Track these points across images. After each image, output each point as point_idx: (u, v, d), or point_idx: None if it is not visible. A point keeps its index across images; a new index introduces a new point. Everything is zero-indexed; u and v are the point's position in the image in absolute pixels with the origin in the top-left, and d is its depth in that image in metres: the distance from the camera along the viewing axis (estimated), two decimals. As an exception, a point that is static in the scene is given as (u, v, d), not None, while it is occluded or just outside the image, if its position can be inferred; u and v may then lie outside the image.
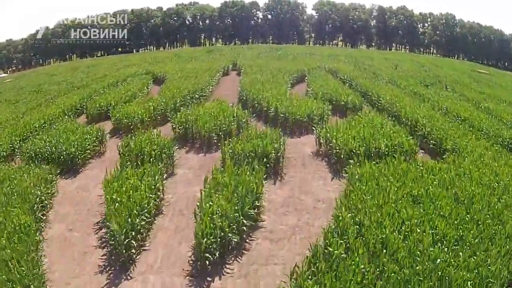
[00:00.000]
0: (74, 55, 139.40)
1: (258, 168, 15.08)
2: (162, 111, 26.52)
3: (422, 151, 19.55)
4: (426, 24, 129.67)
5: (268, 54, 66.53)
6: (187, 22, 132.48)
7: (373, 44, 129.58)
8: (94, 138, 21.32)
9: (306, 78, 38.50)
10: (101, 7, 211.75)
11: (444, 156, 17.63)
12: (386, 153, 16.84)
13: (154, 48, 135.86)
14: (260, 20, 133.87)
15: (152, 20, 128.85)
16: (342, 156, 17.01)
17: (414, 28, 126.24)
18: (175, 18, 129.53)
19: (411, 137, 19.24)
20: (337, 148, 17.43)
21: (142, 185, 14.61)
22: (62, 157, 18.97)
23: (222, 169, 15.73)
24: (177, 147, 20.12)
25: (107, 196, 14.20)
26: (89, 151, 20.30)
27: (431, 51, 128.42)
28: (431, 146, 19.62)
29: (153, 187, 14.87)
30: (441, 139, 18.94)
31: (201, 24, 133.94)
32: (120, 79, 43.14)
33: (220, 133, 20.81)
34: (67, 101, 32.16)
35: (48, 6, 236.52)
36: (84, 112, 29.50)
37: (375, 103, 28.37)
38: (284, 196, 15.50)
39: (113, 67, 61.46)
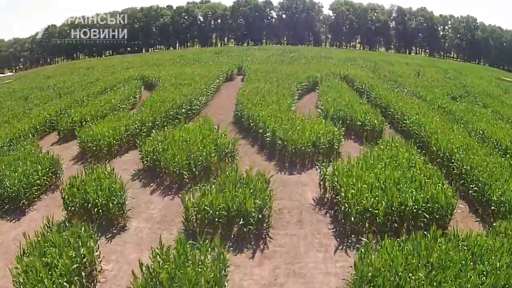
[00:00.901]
0: (82, 54, 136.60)
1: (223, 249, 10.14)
2: (137, 130, 22.17)
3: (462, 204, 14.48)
4: (446, 27, 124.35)
5: (280, 56, 61.89)
6: (198, 21, 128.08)
7: (392, 47, 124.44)
8: (47, 169, 16.87)
9: (317, 87, 33.95)
10: (110, 6, 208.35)
11: (493, 222, 12.69)
12: (414, 211, 11.95)
13: (164, 47, 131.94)
14: (274, 20, 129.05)
15: (161, 19, 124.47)
16: (353, 217, 12.08)
17: (435, 30, 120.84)
18: (186, 17, 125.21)
19: (446, 181, 14.33)
20: (346, 204, 12.48)
21: (70, 249, 10.24)
22: (5, 194, 15.27)
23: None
24: (141, 183, 16.60)
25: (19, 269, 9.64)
26: (38, 186, 15.95)
27: (452, 55, 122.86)
28: (472, 193, 14.67)
29: (83, 254, 10.33)
30: (484, 185, 13.94)
31: (212, 23, 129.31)
32: (110, 84, 39.70)
33: (195, 169, 16.13)
34: (43, 113, 28.52)
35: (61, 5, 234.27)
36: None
37: (399, 123, 23.75)
38: (263, 283, 10.62)
39: (110, 69, 58.21)
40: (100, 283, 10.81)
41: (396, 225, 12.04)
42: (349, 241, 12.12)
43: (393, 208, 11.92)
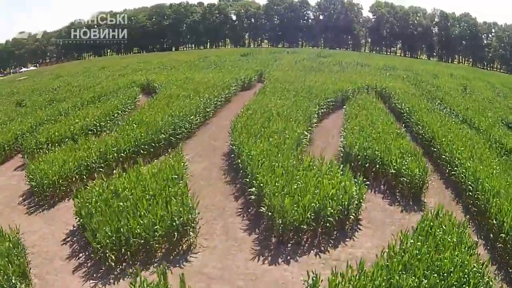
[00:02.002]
0: (109, 50, 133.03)
1: None
2: (91, 167, 17.53)
3: None
4: (490, 35, 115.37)
5: (310, 62, 55.42)
6: (230, 20, 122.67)
7: (434, 54, 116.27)
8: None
9: (345, 106, 27.99)
10: (138, 2, 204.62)
11: None
12: None
13: (194, 46, 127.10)
14: (310, 21, 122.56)
15: (191, 16, 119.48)
16: None
17: (478, 39, 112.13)
18: (217, 15, 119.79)
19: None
20: None
21: None
22: None
23: None
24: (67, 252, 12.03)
25: None
26: None
27: (495, 66, 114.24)
28: None
29: None
30: None
31: (245, 22, 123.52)
32: (107, 91, 35.72)
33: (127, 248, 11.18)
34: (17, 127, 24.94)
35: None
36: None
37: (446, 166, 17.59)
38: None
39: (120, 71, 54.38)
40: None
41: None
42: None
43: None
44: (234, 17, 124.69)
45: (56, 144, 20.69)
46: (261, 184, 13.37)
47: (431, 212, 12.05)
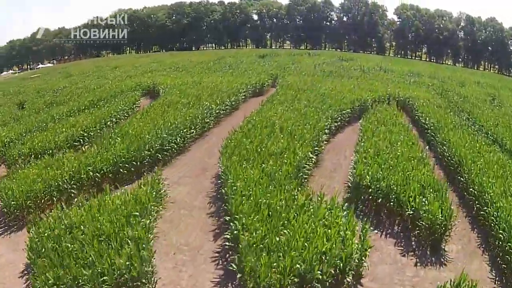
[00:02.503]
0: (129, 48, 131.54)
1: None
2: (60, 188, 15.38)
3: None
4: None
5: (330, 66, 52.36)
6: (251, 20, 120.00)
7: (460, 59, 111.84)
8: None
9: (361, 120, 25.32)
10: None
11: None
12: None
13: (215, 46, 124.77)
14: (334, 22, 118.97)
15: (211, 15, 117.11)
16: None
17: (505, 45, 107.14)
18: (238, 14, 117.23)
19: None
20: None
21: None
22: None
23: None
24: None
25: None
26: None
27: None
28: None
29: None
30: None
31: (267, 22, 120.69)
32: (109, 95, 33.84)
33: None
34: (7, 133, 23.83)
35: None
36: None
37: (475, 202, 14.55)
38: None
39: (131, 71, 52.96)
40: None
41: None
42: None
43: None
44: (255, 17, 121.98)
45: (40, 156, 18.99)
46: (238, 229, 10.74)
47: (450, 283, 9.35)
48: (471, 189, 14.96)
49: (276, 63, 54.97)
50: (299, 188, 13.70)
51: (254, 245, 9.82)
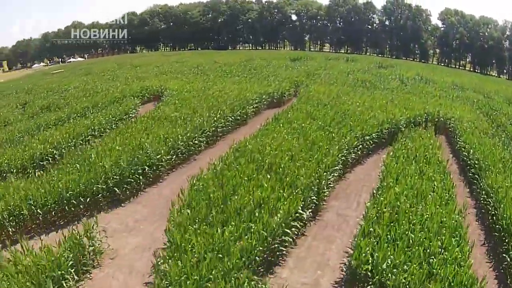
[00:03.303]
0: (163, 45, 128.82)
1: None
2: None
3: None
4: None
5: (365, 74, 46.84)
6: (290, 20, 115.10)
7: (505, 71, 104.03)
8: None
9: (388, 151, 20.04)
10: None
11: None
12: None
13: (252, 46, 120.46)
14: (375, 25, 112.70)
15: (247, 14, 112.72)
16: None
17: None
18: (275, 13, 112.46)
19: None
20: None
21: None
22: None
23: None
24: None
25: None
26: None
27: None
28: None
29: None
30: None
31: (306, 23, 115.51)
32: (107, 100, 31.06)
33: None
34: None
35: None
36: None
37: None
38: None
39: (147, 72, 50.04)
40: None
41: None
42: None
43: None
44: (294, 17, 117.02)
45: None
46: None
47: None
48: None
49: (307, 68, 49.91)
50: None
51: None
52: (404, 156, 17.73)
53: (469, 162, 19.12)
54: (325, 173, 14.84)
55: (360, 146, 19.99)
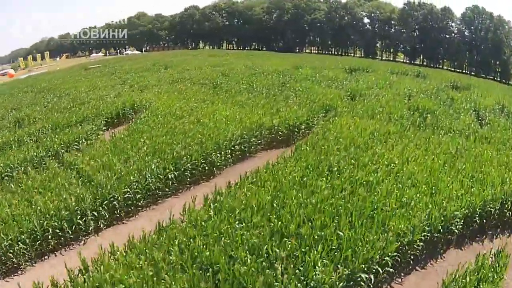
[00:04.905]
0: (226, 42, 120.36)
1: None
2: None
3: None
4: None
5: (430, 99, 32.40)
6: (359, 23, 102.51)
7: None
8: None
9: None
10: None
11: None
12: None
13: (319, 49, 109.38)
14: (454, 35, 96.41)
15: (313, 14, 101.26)
16: None
17: None
18: (344, 14, 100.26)
19: None
20: None
21: None
22: None
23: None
24: None
25: None
26: None
27: None
28: None
29: None
30: None
31: (378, 27, 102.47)
32: (73, 120, 25.38)
33: None
34: None
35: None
36: None
37: None
38: None
39: (169, 77, 42.49)
40: None
41: None
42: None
43: None
44: (366, 20, 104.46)
45: None
46: None
47: None
48: None
49: (358, 84, 37.34)
50: None
51: None
52: None
53: None
54: None
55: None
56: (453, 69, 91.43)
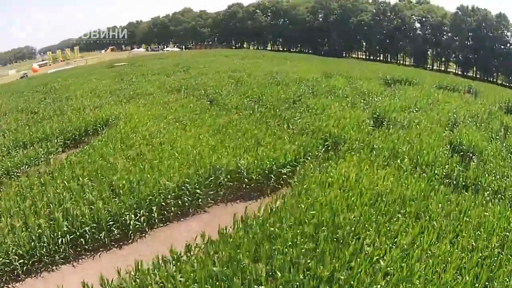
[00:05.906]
0: (270, 42, 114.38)
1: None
2: None
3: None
4: None
5: (476, 129, 24.41)
6: (408, 28, 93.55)
7: None
8: None
9: None
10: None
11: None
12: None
13: (367, 55, 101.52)
14: (509, 45, 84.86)
15: (359, 15, 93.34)
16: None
17: None
18: (392, 18, 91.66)
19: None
20: None
21: None
22: None
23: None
24: None
25: None
26: None
27: None
28: None
29: None
30: None
31: (428, 33, 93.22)
32: (34, 137, 21.81)
33: None
34: None
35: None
36: None
37: None
38: None
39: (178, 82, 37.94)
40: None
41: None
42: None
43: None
44: (417, 24, 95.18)
45: None
46: None
47: None
48: None
49: (390, 102, 29.93)
50: None
51: None
52: None
53: None
54: None
55: None
56: (507, 83, 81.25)
